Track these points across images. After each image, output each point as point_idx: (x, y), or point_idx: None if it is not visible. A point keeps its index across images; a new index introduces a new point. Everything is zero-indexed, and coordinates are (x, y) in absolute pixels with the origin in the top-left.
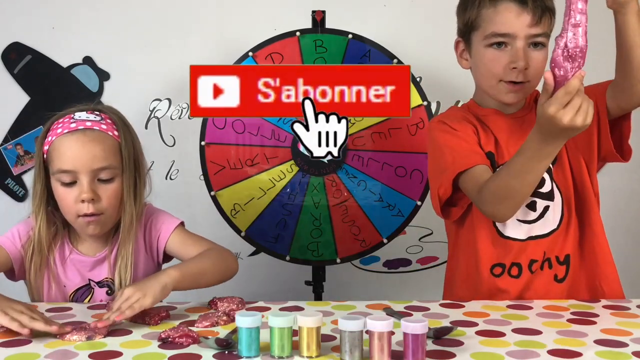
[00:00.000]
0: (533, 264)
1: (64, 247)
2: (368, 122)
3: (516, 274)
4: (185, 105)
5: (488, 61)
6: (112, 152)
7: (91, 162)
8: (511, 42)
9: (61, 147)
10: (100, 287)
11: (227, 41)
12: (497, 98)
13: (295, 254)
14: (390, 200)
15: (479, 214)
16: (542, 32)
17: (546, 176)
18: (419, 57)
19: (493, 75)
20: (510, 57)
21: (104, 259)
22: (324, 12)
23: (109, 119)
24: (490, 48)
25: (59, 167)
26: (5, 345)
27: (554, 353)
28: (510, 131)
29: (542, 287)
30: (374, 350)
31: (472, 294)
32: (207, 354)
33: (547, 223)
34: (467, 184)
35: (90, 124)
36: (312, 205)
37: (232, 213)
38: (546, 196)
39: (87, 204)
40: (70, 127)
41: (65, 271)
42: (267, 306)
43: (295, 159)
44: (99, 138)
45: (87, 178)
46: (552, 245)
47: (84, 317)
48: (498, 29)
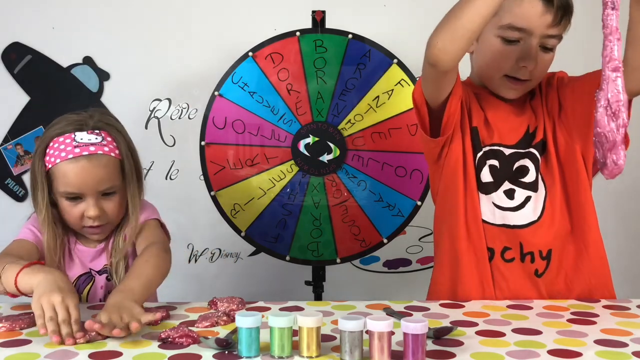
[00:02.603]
0: (506, 252)
1: (69, 242)
2: (368, 122)
3: (489, 257)
4: (185, 105)
5: (497, 54)
6: (115, 172)
7: (96, 185)
8: (525, 38)
9: (67, 172)
10: (100, 274)
11: (227, 41)
12: (496, 91)
13: (295, 254)
14: (390, 200)
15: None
16: (557, 34)
17: (531, 166)
18: (419, 57)
19: (499, 69)
20: (521, 54)
21: (103, 249)
22: (324, 12)
23: (109, 136)
24: (500, 39)
25: (64, 190)
26: (5, 345)
27: (554, 353)
28: (502, 112)
29: (518, 279)
30: (374, 350)
31: (454, 281)
32: (207, 354)
33: (526, 214)
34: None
35: (94, 149)
36: (312, 205)
37: (232, 213)
38: (529, 186)
39: (93, 219)
40: (74, 153)
41: (70, 263)
42: (267, 306)
43: (295, 159)
44: (103, 162)
45: (93, 199)
46: (530, 237)
47: (84, 317)
48: (517, 22)
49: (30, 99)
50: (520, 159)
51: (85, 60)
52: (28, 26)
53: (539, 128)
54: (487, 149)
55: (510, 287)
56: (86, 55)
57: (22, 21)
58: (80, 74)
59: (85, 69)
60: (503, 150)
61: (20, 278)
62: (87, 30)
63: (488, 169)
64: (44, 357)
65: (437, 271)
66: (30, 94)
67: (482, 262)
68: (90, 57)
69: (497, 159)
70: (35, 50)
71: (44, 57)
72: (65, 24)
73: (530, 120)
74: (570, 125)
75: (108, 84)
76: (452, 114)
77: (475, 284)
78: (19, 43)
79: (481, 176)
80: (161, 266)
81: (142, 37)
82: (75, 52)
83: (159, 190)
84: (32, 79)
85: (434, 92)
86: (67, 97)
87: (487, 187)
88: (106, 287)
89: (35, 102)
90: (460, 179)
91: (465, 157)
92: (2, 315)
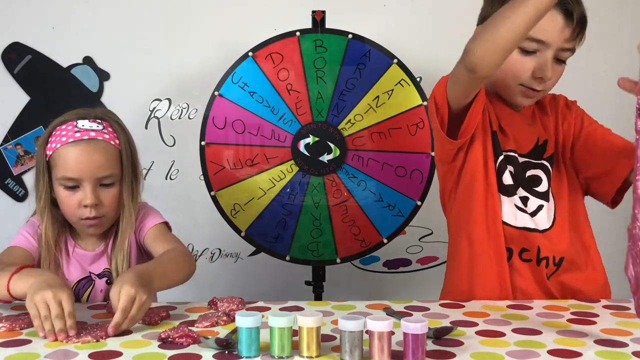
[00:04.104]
0: (524, 253)
1: (68, 243)
2: (368, 122)
3: (507, 258)
4: (185, 105)
5: (514, 63)
6: (114, 161)
7: (95, 171)
8: (542, 50)
9: (66, 156)
10: (100, 278)
11: (227, 41)
12: (511, 99)
13: (295, 254)
14: (390, 200)
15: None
16: (572, 47)
17: (544, 177)
18: (419, 57)
19: (515, 78)
20: (538, 65)
21: (103, 252)
22: (324, 12)
23: (110, 127)
24: (517, 49)
25: (63, 175)
26: (5, 345)
27: (554, 353)
28: (514, 121)
29: (532, 282)
30: (374, 350)
31: (471, 282)
32: (207, 354)
33: (541, 221)
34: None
35: (94, 134)
36: (312, 205)
37: (232, 213)
38: (541, 195)
39: (90, 208)
40: (75, 137)
41: (69, 266)
42: (267, 306)
43: (295, 159)
44: (102, 148)
45: (90, 185)
46: (547, 243)
47: (84, 317)
48: (536, 34)
49: (30, 99)
50: (532, 168)
51: (85, 60)
52: (28, 26)
53: (549, 142)
54: (505, 154)
55: (525, 288)
56: (86, 55)
57: (22, 21)
58: (80, 74)
59: (85, 69)
60: (517, 157)
61: (13, 284)
62: (87, 30)
63: (508, 173)
64: (44, 357)
65: (454, 271)
66: (30, 94)
67: (501, 264)
68: (90, 57)
69: (512, 165)
70: (35, 50)
71: (44, 57)
72: (65, 24)
73: (540, 133)
74: (574, 159)
75: (108, 84)
76: (474, 118)
77: (494, 285)
78: (19, 43)
79: (503, 178)
80: (181, 266)
81: (142, 37)
82: (75, 52)
83: (159, 190)
84: (32, 79)
85: (461, 96)
86: (67, 97)
87: (509, 190)
88: (106, 290)
89: (35, 102)
90: (480, 181)
91: (487, 159)
92: (2, 315)
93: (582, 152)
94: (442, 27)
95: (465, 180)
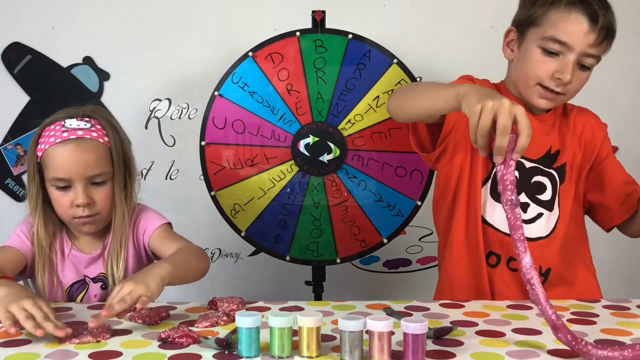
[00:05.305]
0: (511, 262)
1: (63, 245)
2: (368, 122)
3: (494, 263)
4: (185, 105)
5: (535, 62)
6: (103, 158)
7: (84, 170)
8: (565, 53)
9: (55, 156)
10: (94, 282)
11: (227, 41)
12: (529, 99)
13: (295, 254)
14: (390, 200)
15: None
16: (597, 55)
17: (549, 185)
18: (419, 57)
19: (535, 76)
20: (559, 66)
21: (99, 256)
22: (324, 12)
23: (99, 124)
24: (540, 49)
25: (53, 175)
26: (5, 345)
27: (554, 353)
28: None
29: (517, 290)
30: (374, 350)
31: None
32: (207, 354)
33: (537, 229)
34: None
35: (81, 133)
36: (312, 205)
37: (232, 213)
38: (544, 204)
39: (82, 208)
40: (62, 137)
41: (64, 267)
42: (267, 306)
43: (295, 159)
44: (90, 147)
45: (81, 185)
46: (536, 252)
47: (84, 317)
48: (559, 35)
49: (30, 99)
50: (538, 175)
51: (85, 60)
52: (28, 26)
53: (562, 152)
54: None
55: (509, 297)
56: (86, 55)
57: (22, 21)
58: (80, 74)
59: (85, 69)
60: (524, 162)
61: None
62: (87, 30)
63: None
64: (44, 357)
65: (440, 275)
66: (30, 94)
67: (478, 270)
68: (90, 57)
69: (518, 170)
70: (35, 50)
71: (44, 57)
72: (65, 24)
73: (554, 142)
74: (588, 182)
75: (108, 84)
76: (447, 134)
77: (470, 289)
78: (19, 43)
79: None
80: (198, 262)
81: (142, 37)
82: (75, 52)
83: (159, 190)
84: (32, 79)
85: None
86: (67, 97)
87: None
88: (100, 296)
89: (35, 102)
90: (463, 188)
91: (474, 167)
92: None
93: (595, 182)
94: (442, 27)
95: (442, 187)
